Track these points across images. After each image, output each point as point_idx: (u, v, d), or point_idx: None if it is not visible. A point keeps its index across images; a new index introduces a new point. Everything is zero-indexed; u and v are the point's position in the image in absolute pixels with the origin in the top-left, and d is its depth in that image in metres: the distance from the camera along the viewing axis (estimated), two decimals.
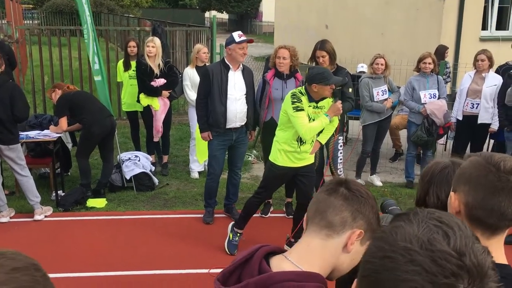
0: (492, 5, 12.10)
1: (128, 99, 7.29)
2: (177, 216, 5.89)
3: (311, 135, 4.52)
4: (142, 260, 4.85)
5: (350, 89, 5.68)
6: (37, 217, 5.62)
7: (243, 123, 5.47)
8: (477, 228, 1.39)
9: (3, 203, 5.57)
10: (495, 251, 1.33)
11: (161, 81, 6.70)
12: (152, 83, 6.67)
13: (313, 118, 4.51)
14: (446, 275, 0.76)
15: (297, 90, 4.59)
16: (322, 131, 4.77)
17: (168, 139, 7.43)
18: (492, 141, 7.20)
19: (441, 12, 11.29)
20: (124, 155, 6.81)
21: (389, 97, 6.67)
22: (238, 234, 5.00)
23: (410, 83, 6.70)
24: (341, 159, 5.79)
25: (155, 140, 7.13)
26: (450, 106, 6.89)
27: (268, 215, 5.91)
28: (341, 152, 5.77)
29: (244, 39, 5.20)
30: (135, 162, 6.65)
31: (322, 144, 4.96)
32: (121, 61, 7.41)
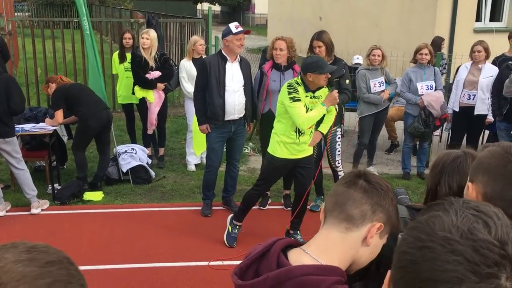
0: None
1: (123, 92, 7.24)
2: (175, 209, 5.87)
3: (309, 125, 4.50)
4: (140, 253, 4.82)
5: (347, 81, 5.66)
6: (34, 211, 5.57)
7: (242, 115, 5.45)
8: None
9: None
10: None
11: (156, 74, 6.64)
12: (147, 76, 6.61)
13: (310, 108, 4.50)
14: (488, 264, 0.75)
15: (293, 80, 4.57)
16: (322, 121, 4.76)
17: (164, 132, 7.39)
18: (487, 132, 7.23)
19: (436, 3, 11.27)
20: (120, 148, 6.77)
21: (386, 89, 6.66)
22: (237, 226, 4.99)
23: (407, 74, 6.69)
24: (339, 151, 5.78)
25: (149, 132, 7.08)
26: (445, 97, 6.88)
27: (266, 207, 5.91)
28: (339, 144, 5.76)
29: (241, 30, 5.17)
30: (132, 155, 6.60)
31: (323, 134, 4.94)
32: (116, 53, 7.34)
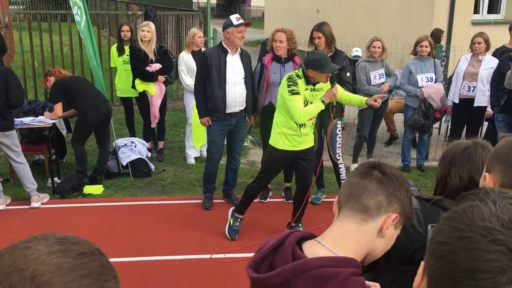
0: None
1: (122, 85, 7.18)
2: (175, 202, 5.85)
3: (305, 119, 4.48)
4: (142, 246, 4.81)
5: (348, 74, 5.65)
6: (34, 205, 5.55)
7: (242, 108, 5.43)
8: None
9: None
10: None
11: (157, 66, 6.59)
12: (147, 68, 6.57)
13: (311, 101, 4.48)
14: None
15: (294, 73, 4.55)
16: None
17: (163, 125, 7.36)
18: (486, 124, 7.23)
19: None
20: (120, 141, 6.73)
21: (386, 81, 6.65)
22: (238, 219, 4.99)
23: (407, 66, 6.68)
24: (339, 143, 5.77)
25: (153, 126, 7.04)
26: (444, 89, 6.87)
27: (267, 200, 5.91)
28: (339, 136, 5.75)
29: (242, 22, 5.15)
30: (132, 148, 6.58)
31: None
32: (115, 46, 7.28)
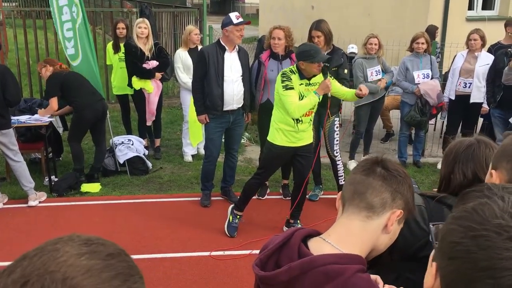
0: None
1: (118, 82, 7.15)
2: (173, 199, 5.85)
3: (300, 113, 4.49)
4: (141, 244, 4.81)
5: (345, 70, 5.65)
6: (32, 203, 5.53)
7: (240, 105, 5.43)
8: None
9: None
10: None
11: (154, 63, 6.57)
12: (144, 66, 6.55)
13: (306, 95, 4.50)
14: None
15: (288, 69, 4.57)
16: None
17: (160, 123, 7.34)
18: (481, 120, 7.27)
19: None
20: (117, 139, 6.71)
21: (383, 78, 6.67)
22: (237, 216, 5.00)
23: (403, 63, 6.69)
24: (337, 140, 5.78)
25: (148, 123, 7.03)
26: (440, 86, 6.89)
27: (265, 197, 5.91)
28: (337, 133, 5.76)
29: (242, 20, 5.15)
30: (129, 146, 6.56)
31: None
32: (110, 43, 7.25)
